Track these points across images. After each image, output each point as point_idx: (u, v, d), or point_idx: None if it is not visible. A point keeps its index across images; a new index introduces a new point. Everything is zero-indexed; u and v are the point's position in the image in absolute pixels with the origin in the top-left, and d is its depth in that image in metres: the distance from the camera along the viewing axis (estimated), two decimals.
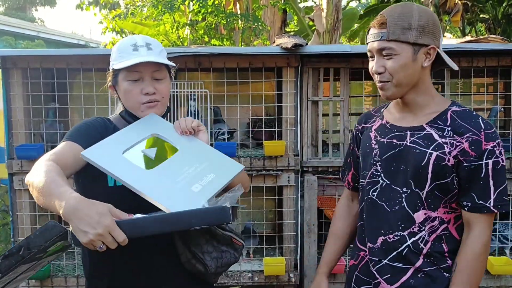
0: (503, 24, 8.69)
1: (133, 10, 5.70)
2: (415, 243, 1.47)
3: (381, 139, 1.56)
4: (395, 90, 1.47)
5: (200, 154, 1.49)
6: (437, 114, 1.48)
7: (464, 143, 1.41)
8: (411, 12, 1.42)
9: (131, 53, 1.51)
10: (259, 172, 2.75)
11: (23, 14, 20.52)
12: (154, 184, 1.31)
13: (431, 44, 1.44)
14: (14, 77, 2.70)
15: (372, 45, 1.47)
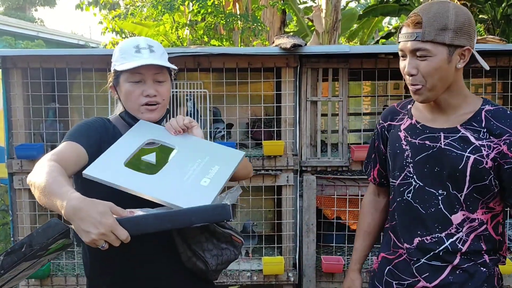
0: (502, 25, 8.71)
1: (132, 10, 5.70)
2: (453, 244, 1.47)
3: (412, 139, 1.52)
4: (429, 94, 1.42)
5: (199, 149, 1.50)
6: (471, 115, 1.45)
7: (502, 146, 1.39)
8: (448, 11, 1.37)
9: (134, 55, 1.52)
10: (258, 172, 2.76)
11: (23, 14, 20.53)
12: (164, 187, 1.32)
13: (466, 45, 1.38)
14: (14, 77, 2.71)
15: (405, 45, 1.41)
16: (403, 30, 1.43)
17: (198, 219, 1.23)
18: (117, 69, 1.54)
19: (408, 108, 1.61)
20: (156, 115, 1.58)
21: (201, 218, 1.24)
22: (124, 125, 1.60)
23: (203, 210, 1.24)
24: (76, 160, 1.42)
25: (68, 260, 2.87)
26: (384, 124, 1.66)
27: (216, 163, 1.43)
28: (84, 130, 1.52)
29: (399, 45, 1.45)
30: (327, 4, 6.50)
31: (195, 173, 1.38)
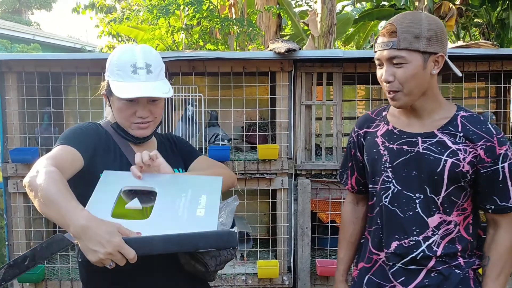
0: (497, 29, 8.77)
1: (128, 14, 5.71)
2: (429, 247, 1.50)
3: (390, 145, 1.56)
4: (406, 99, 1.47)
5: (178, 185, 1.48)
6: (447, 120, 1.50)
7: (478, 150, 1.45)
8: (421, 20, 1.43)
9: (130, 76, 1.48)
10: (253, 176, 2.77)
11: (19, 17, 20.51)
12: (164, 225, 1.31)
13: (439, 52, 1.45)
14: (9, 81, 2.71)
15: (382, 54, 1.47)
16: (379, 40, 1.48)
17: (205, 244, 1.24)
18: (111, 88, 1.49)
19: (384, 115, 1.65)
20: (147, 131, 1.57)
21: (208, 243, 1.25)
22: (115, 134, 1.59)
23: (210, 235, 1.25)
24: (72, 165, 1.41)
25: (63, 264, 2.86)
26: (360, 131, 1.69)
27: (201, 193, 1.42)
28: (79, 134, 1.51)
29: (376, 54, 1.50)
30: (323, 8, 6.53)
31: (186, 206, 1.37)
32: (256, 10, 6.18)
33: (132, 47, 1.56)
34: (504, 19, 8.54)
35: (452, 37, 10.31)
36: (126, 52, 1.53)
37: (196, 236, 1.24)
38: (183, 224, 1.30)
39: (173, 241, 1.22)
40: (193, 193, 1.42)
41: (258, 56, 2.74)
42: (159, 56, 1.58)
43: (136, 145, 1.63)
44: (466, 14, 9.09)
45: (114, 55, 1.54)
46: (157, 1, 5.79)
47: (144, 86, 1.47)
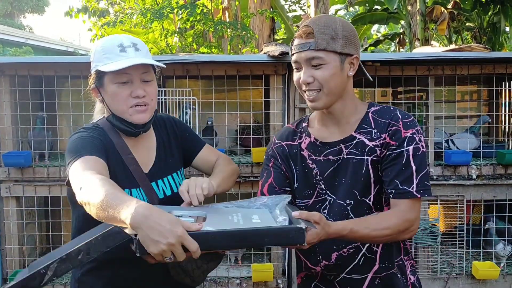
0: (488, 33, 8.83)
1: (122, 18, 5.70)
2: (369, 248, 1.50)
3: (316, 157, 1.55)
4: (327, 99, 1.46)
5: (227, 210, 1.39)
6: (361, 119, 1.51)
7: (386, 138, 1.45)
8: (335, 22, 1.44)
9: (119, 54, 1.45)
10: (247, 179, 2.77)
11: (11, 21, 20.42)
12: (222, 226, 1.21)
13: (354, 54, 1.47)
14: (2, 85, 2.70)
15: (300, 56, 1.45)
16: (296, 42, 1.47)
17: (271, 240, 1.17)
18: (102, 70, 1.45)
19: (303, 126, 1.63)
20: (146, 115, 1.52)
21: (275, 240, 1.18)
22: (112, 129, 1.54)
23: (278, 231, 1.17)
24: (106, 171, 1.37)
25: None
26: (282, 143, 1.63)
27: (252, 214, 1.33)
28: (90, 143, 1.44)
29: (293, 57, 1.49)
30: (316, 12, 6.56)
31: (240, 219, 1.28)
32: (249, 14, 6.20)
33: (116, 35, 1.55)
34: (496, 23, 8.60)
35: (444, 40, 10.38)
36: (110, 37, 1.52)
37: (262, 231, 1.15)
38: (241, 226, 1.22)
39: (238, 236, 1.14)
40: (244, 214, 1.34)
41: (252, 60, 2.74)
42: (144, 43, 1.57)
43: (132, 141, 1.56)
44: (458, 18, 9.15)
45: (98, 45, 1.51)
46: (151, 4, 5.79)
47: (135, 59, 1.44)
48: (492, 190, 2.79)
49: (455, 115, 3.13)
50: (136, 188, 1.51)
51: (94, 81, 1.52)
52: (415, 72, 2.76)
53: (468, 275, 2.84)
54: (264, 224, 1.22)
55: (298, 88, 1.52)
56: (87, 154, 1.37)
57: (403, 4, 8.88)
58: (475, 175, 2.78)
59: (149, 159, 1.60)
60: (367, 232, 1.36)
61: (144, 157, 1.59)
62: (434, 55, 2.70)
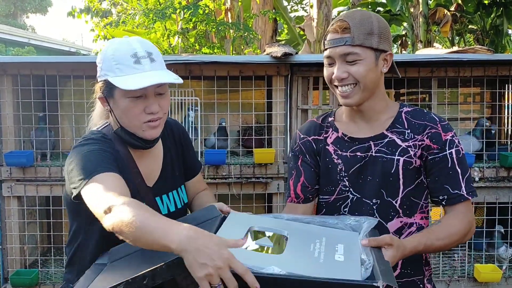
0: (491, 35, 8.81)
1: (124, 18, 5.70)
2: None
3: (343, 153, 1.50)
4: (361, 95, 1.42)
5: (311, 232, 1.29)
6: (393, 119, 1.48)
7: (425, 140, 1.42)
8: (371, 17, 1.41)
9: (133, 67, 1.32)
10: (249, 180, 2.76)
11: (14, 21, 20.46)
12: (297, 265, 1.10)
13: (388, 50, 1.44)
14: (4, 84, 2.70)
15: (334, 51, 1.40)
16: (330, 37, 1.43)
17: None
18: (115, 84, 1.32)
19: (330, 121, 1.58)
20: (158, 131, 1.42)
21: None
22: (119, 140, 1.43)
23: (350, 285, 1.04)
24: (128, 190, 1.27)
25: (57, 268, 2.84)
26: (308, 138, 1.59)
27: (337, 242, 1.23)
28: (105, 158, 1.33)
29: (326, 52, 1.44)
30: (319, 13, 6.55)
31: (322, 251, 1.18)
32: (252, 14, 6.19)
33: (126, 39, 1.41)
34: (498, 25, 8.57)
35: (447, 43, 10.36)
36: (122, 44, 1.37)
37: (334, 284, 1.03)
38: (319, 267, 1.09)
39: (307, 285, 1.03)
40: (328, 240, 1.24)
41: (255, 60, 2.74)
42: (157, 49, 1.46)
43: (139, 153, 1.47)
44: (461, 20, 9.13)
45: (108, 50, 1.37)
46: (153, 5, 5.79)
47: (152, 75, 1.32)
48: (495, 193, 2.78)
49: (457, 117, 3.12)
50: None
51: (102, 90, 1.40)
52: (418, 73, 2.76)
53: (470, 277, 2.83)
54: (347, 264, 1.11)
55: (329, 84, 1.47)
56: (106, 171, 1.26)
57: (406, 6, 8.86)
58: (477, 178, 2.77)
59: (155, 172, 1.52)
60: (440, 244, 1.36)
61: (149, 170, 1.50)
62: (438, 57, 2.69)
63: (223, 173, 2.75)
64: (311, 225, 1.34)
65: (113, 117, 1.42)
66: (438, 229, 1.38)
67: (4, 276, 2.79)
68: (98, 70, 1.40)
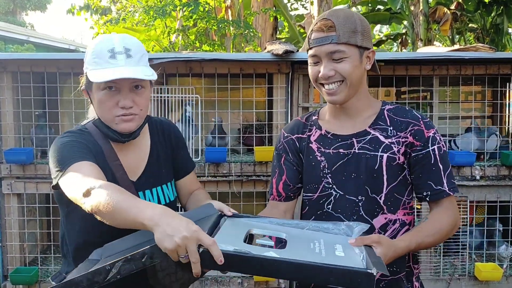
0: (491, 34, 8.81)
1: (124, 16, 5.68)
2: None
3: (326, 150, 1.51)
4: (348, 92, 1.43)
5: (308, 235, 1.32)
6: (376, 116, 1.49)
7: (409, 137, 1.44)
8: (353, 16, 1.43)
9: (108, 61, 1.35)
10: (250, 178, 2.76)
11: (13, 18, 20.42)
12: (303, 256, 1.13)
13: (371, 47, 1.46)
14: (4, 81, 2.69)
15: (320, 49, 1.41)
16: (315, 35, 1.44)
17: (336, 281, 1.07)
18: (89, 78, 1.37)
19: (314, 119, 1.60)
20: (132, 125, 1.42)
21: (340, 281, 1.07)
22: (99, 133, 1.46)
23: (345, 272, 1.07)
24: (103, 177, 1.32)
25: (57, 266, 2.84)
26: (292, 136, 1.60)
27: (336, 243, 1.25)
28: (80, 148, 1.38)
29: (311, 51, 1.45)
30: (319, 11, 6.54)
31: (323, 248, 1.20)
32: (252, 12, 6.18)
33: (111, 35, 1.45)
34: (499, 24, 8.58)
35: (447, 41, 10.36)
36: (104, 39, 1.42)
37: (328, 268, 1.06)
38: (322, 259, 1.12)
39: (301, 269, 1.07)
40: (326, 242, 1.26)
41: (256, 58, 2.73)
42: (141, 44, 1.47)
43: (120, 145, 1.48)
44: (461, 18, 9.13)
45: (91, 45, 1.42)
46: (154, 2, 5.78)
47: (123, 70, 1.34)
48: (496, 191, 2.78)
49: (459, 115, 3.11)
50: None
51: (84, 82, 1.44)
52: (420, 72, 2.75)
53: (470, 276, 2.83)
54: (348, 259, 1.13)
55: (314, 82, 1.48)
56: (80, 160, 1.31)
57: (406, 4, 8.86)
58: (478, 176, 2.76)
59: (139, 166, 1.51)
60: (430, 240, 1.38)
61: (133, 164, 1.50)
62: (439, 55, 2.68)
63: (224, 171, 2.75)
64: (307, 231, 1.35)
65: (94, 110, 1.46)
66: (427, 226, 1.41)
67: (4, 274, 2.79)
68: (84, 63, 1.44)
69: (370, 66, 1.47)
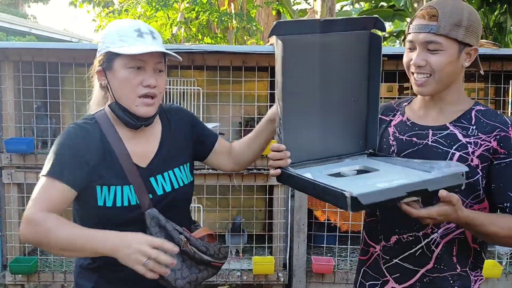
0: (494, 32, 8.78)
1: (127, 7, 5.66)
2: (428, 245, 1.43)
3: (400, 136, 1.50)
4: (435, 86, 1.40)
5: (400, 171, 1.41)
6: (462, 113, 1.44)
7: (492, 142, 1.37)
8: (462, 9, 1.37)
9: (136, 39, 1.37)
10: (250, 171, 2.75)
11: (16, 10, 20.39)
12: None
13: (474, 44, 1.39)
14: (6, 70, 2.68)
15: (417, 37, 1.38)
16: (416, 22, 1.40)
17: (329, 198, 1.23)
18: (117, 52, 1.36)
19: (403, 105, 1.59)
20: (152, 109, 1.42)
21: (332, 200, 1.22)
22: (108, 121, 1.44)
23: (330, 191, 1.22)
24: (64, 202, 1.36)
25: (56, 256, 2.83)
26: (380, 116, 1.60)
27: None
28: (67, 162, 1.36)
29: (409, 36, 1.42)
30: (322, 6, 6.52)
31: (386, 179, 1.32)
32: (255, 5, 6.16)
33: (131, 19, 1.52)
34: (502, 22, 8.54)
35: None
36: (127, 21, 1.46)
37: (322, 187, 1.23)
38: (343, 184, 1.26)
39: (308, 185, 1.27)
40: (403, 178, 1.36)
41: (258, 50, 2.72)
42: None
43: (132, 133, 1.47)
44: None
45: (112, 27, 1.44)
46: None
47: (154, 46, 1.38)
48: None
49: None
50: (127, 185, 1.42)
51: (102, 63, 1.42)
52: None
53: None
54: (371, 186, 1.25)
55: (406, 69, 1.46)
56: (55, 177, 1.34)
57: (410, 1, 8.83)
58: None
59: (150, 152, 1.50)
60: (496, 230, 1.32)
61: (144, 150, 1.49)
62: None
63: None
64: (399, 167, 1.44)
65: (109, 92, 1.43)
66: (499, 217, 1.36)
67: (3, 263, 2.79)
68: (99, 47, 1.44)
69: (470, 63, 1.41)
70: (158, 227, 1.40)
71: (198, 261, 1.47)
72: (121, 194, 1.40)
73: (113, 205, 1.38)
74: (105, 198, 1.39)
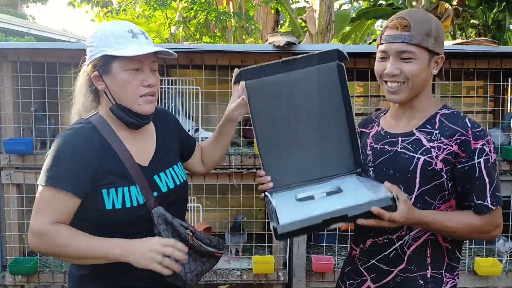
0: (493, 30, 8.78)
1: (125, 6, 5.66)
2: (401, 247, 1.49)
3: (375, 145, 1.57)
4: (408, 93, 1.46)
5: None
6: (427, 118, 1.50)
7: (453, 146, 1.42)
8: (430, 19, 1.44)
9: (131, 40, 1.39)
10: (250, 170, 2.75)
11: (14, 10, 20.36)
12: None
13: (441, 53, 1.47)
14: (4, 70, 2.68)
15: (391, 47, 1.44)
16: (388, 32, 1.46)
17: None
18: (115, 55, 1.36)
19: (381, 116, 1.66)
20: (153, 107, 1.47)
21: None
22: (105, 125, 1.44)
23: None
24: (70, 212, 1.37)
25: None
26: (359, 129, 1.69)
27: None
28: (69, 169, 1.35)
29: (381, 47, 1.47)
30: (321, 5, 6.51)
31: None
32: (254, 4, 6.16)
33: (120, 21, 1.50)
34: (500, 20, 8.54)
35: (448, 37, 10.32)
36: (116, 23, 1.46)
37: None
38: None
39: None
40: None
41: (257, 49, 2.71)
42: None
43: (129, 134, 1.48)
44: (463, 15, 9.10)
45: (104, 29, 1.42)
46: None
47: (150, 47, 1.40)
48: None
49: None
50: (133, 185, 1.43)
51: (97, 68, 1.41)
52: None
53: (470, 271, 2.82)
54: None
55: (378, 78, 1.51)
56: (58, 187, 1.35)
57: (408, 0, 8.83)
58: None
59: (149, 151, 1.53)
60: (450, 225, 1.40)
61: (143, 149, 1.51)
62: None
63: (224, 163, 2.73)
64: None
65: (109, 95, 1.43)
66: (453, 214, 1.44)
67: (3, 264, 2.78)
68: (90, 51, 1.43)
69: (437, 71, 1.48)
70: (165, 224, 1.44)
71: (203, 253, 1.53)
72: (129, 195, 1.42)
73: (123, 207, 1.40)
74: (113, 200, 1.39)
